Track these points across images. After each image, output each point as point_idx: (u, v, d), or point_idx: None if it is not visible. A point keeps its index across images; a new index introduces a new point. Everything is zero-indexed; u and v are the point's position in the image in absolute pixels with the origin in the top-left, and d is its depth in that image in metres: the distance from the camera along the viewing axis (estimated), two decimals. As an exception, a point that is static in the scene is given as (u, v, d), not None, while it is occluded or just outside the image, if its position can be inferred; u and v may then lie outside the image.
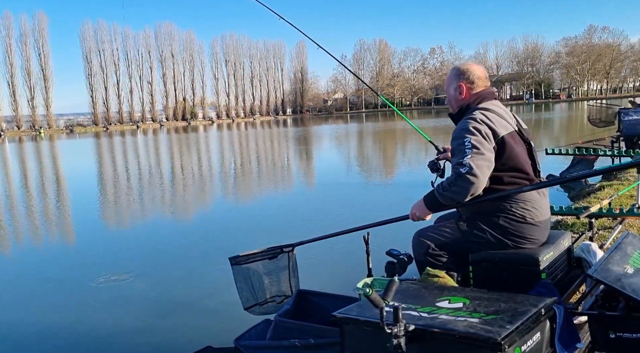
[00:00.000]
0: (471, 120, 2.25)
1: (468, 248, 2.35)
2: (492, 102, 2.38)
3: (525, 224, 2.26)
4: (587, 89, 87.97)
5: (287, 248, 3.06)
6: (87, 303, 4.29)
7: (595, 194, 6.42)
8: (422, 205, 2.38)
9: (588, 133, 14.63)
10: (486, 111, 2.31)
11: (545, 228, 2.33)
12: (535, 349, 1.66)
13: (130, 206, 9.74)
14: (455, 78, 2.48)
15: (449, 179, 2.20)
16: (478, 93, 2.41)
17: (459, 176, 2.13)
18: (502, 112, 2.35)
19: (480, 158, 2.13)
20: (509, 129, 2.29)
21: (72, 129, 65.50)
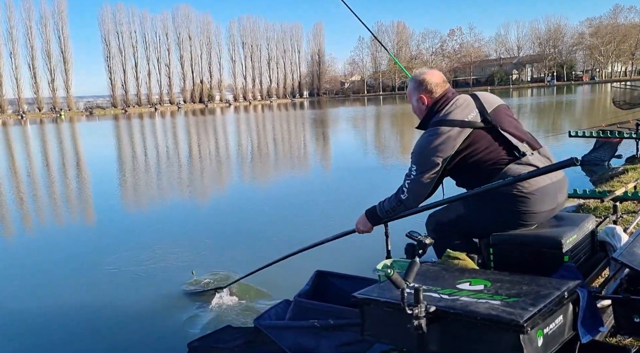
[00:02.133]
0: (423, 142, 2.37)
1: (472, 225, 2.38)
2: (450, 105, 2.41)
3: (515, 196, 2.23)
4: (611, 71, 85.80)
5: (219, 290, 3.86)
6: (106, 283, 4.37)
7: (618, 178, 6.30)
8: (364, 219, 2.64)
9: (611, 115, 14.30)
10: (441, 125, 2.35)
11: (542, 196, 2.26)
12: (557, 332, 1.65)
13: (149, 188, 9.85)
14: (415, 90, 2.58)
15: (392, 204, 2.48)
16: (436, 99, 2.50)
17: (400, 203, 2.45)
18: (458, 115, 2.35)
19: (420, 185, 2.37)
20: (464, 134, 2.31)
21: (92, 111, 66.29)
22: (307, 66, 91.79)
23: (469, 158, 2.32)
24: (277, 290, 3.90)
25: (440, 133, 2.33)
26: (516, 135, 2.36)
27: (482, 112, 2.39)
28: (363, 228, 2.68)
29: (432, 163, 2.34)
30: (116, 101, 70.79)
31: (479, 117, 2.37)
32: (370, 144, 16.60)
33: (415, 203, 2.42)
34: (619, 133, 7.00)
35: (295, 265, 4.39)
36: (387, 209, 2.52)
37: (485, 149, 2.32)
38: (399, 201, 2.45)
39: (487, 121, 2.36)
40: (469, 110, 2.40)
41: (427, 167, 2.35)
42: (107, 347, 3.30)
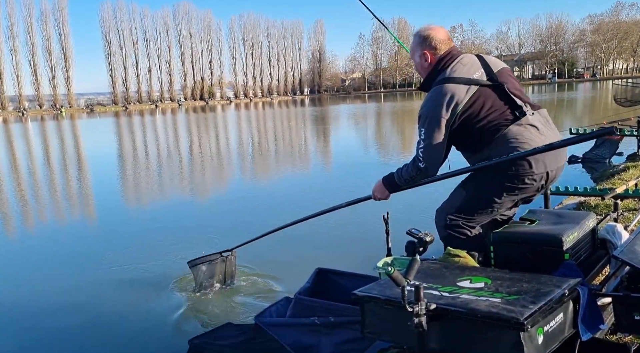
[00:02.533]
0: (431, 106, 2.30)
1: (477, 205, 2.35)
2: (456, 63, 2.35)
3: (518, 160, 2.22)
4: (612, 68, 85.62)
5: (225, 253, 3.88)
6: (107, 279, 4.37)
7: (619, 176, 6.29)
8: (382, 187, 2.57)
9: (613, 112, 14.28)
10: (447, 82, 2.29)
11: (542, 160, 2.24)
12: (557, 330, 1.65)
13: (150, 185, 9.86)
14: (418, 46, 2.49)
15: (410, 173, 2.41)
16: (441, 56, 2.42)
17: (419, 171, 2.37)
18: (464, 73, 2.31)
19: (432, 151, 2.31)
20: (471, 91, 2.27)
21: (93, 108, 66.30)
22: (307, 63, 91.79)
23: (474, 117, 2.28)
24: (278, 287, 3.90)
25: (445, 91, 2.28)
26: (519, 96, 2.34)
27: (488, 71, 2.36)
28: (380, 195, 2.60)
29: (439, 123, 2.28)
30: (117, 98, 70.79)
31: (485, 76, 2.34)
32: (371, 141, 16.59)
33: (433, 169, 2.36)
34: (620, 130, 6.99)
35: (296, 263, 4.40)
36: (405, 178, 2.45)
37: (490, 108, 2.28)
38: (418, 169, 2.38)
39: (493, 80, 2.33)
40: (475, 68, 2.36)
41: (435, 127, 2.28)
42: (107, 343, 3.31)
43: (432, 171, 2.37)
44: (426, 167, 2.34)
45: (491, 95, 2.31)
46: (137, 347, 3.26)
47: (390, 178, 2.52)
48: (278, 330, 2.64)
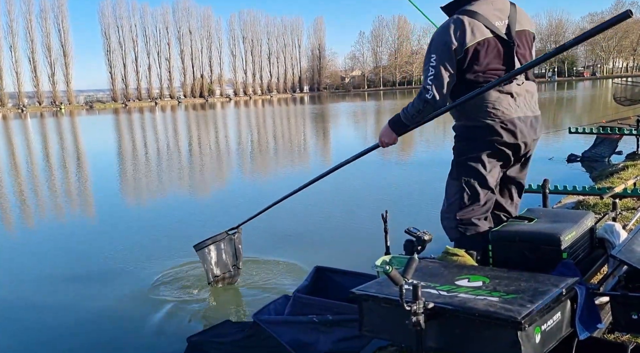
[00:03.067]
0: (444, 31, 2.26)
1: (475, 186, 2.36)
2: (482, 0, 2.30)
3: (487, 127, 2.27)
4: (612, 67, 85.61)
5: (231, 231, 3.78)
6: (107, 277, 4.38)
7: (618, 175, 6.29)
8: (388, 130, 2.48)
9: (612, 111, 14.28)
10: (467, 15, 2.25)
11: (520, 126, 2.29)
12: (555, 329, 1.65)
13: (149, 183, 9.86)
14: None
15: (416, 106, 2.34)
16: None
17: (426, 103, 2.30)
18: (489, 13, 2.27)
19: (441, 80, 2.26)
20: (483, 35, 2.24)
21: (92, 105, 66.24)
22: (307, 60, 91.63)
23: (473, 62, 2.25)
24: (277, 285, 3.90)
25: (461, 22, 2.24)
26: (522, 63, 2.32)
27: (511, 25, 2.32)
28: (387, 139, 2.51)
29: (450, 49, 2.23)
30: (116, 95, 70.71)
31: (504, 29, 2.30)
32: (370, 139, 16.58)
33: (441, 100, 2.28)
34: (619, 129, 6.99)
35: (295, 261, 4.41)
36: (412, 113, 2.37)
37: (490, 62, 2.27)
38: (424, 101, 2.30)
39: (509, 36, 2.30)
40: (500, 15, 2.32)
41: (446, 55, 2.24)
42: (106, 341, 3.31)
43: (440, 101, 2.29)
44: (433, 96, 2.27)
45: (499, 50, 2.28)
46: (135, 345, 3.26)
47: (396, 118, 2.45)
48: (276, 327, 2.64)
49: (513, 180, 2.54)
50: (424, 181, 7.16)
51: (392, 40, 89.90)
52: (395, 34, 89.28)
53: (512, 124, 2.29)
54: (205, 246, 3.74)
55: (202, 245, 3.75)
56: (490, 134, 2.29)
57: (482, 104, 2.29)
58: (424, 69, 2.32)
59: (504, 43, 2.29)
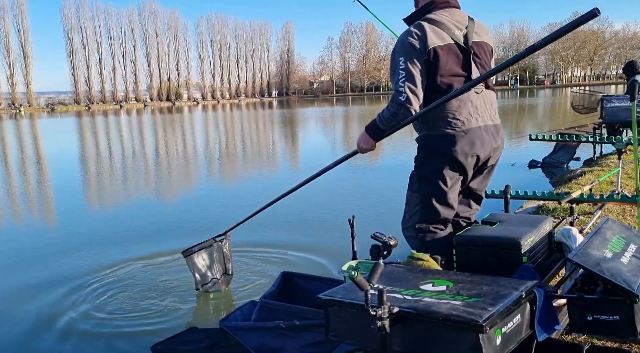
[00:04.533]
0: (407, 35, 2.33)
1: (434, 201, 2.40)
2: (442, 11, 2.39)
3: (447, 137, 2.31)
4: (571, 76, 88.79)
5: (218, 238, 3.73)
6: (69, 284, 4.25)
7: (576, 180, 6.53)
8: (366, 136, 2.48)
9: (571, 119, 14.80)
10: (427, 22, 2.34)
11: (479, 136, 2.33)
12: (515, 331, 1.70)
13: (113, 187, 9.64)
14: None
15: (391, 110, 2.32)
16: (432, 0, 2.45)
17: (400, 106, 2.29)
18: (447, 21, 2.35)
19: (413, 80, 2.27)
20: (444, 41, 2.31)
21: (54, 107, 64.39)
22: (276, 65, 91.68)
23: (435, 67, 2.29)
24: (244, 291, 3.88)
25: (423, 27, 2.31)
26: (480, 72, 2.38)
27: (468, 36, 2.39)
28: (365, 145, 2.49)
29: (416, 50, 2.28)
30: (79, 97, 69.00)
31: (462, 39, 2.37)
32: (340, 144, 16.67)
33: (415, 100, 2.28)
34: (577, 136, 7.25)
35: (262, 266, 4.39)
36: (387, 117, 2.36)
37: (451, 68, 2.31)
38: (398, 104, 2.29)
39: (467, 45, 2.36)
40: (459, 25, 2.40)
41: (412, 55, 2.28)
42: (68, 348, 3.21)
43: (414, 103, 2.28)
44: (407, 98, 2.26)
45: (458, 56, 2.34)
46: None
47: (372, 124, 2.44)
48: (243, 333, 2.63)
49: (473, 191, 2.59)
50: (391, 186, 7.25)
51: (360, 46, 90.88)
52: (364, 40, 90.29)
53: (473, 133, 2.34)
54: (193, 253, 3.68)
55: (190, 251, 3.68)
56: (450, 143, 2.33)
57: (443, 113, 2.32)
58: (393, 74, 2.34)
59: (463, 51, 2.35)
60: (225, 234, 3.74)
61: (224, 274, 3.78)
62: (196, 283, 3.74)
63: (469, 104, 2.34)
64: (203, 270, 3.72)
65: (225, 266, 3.77)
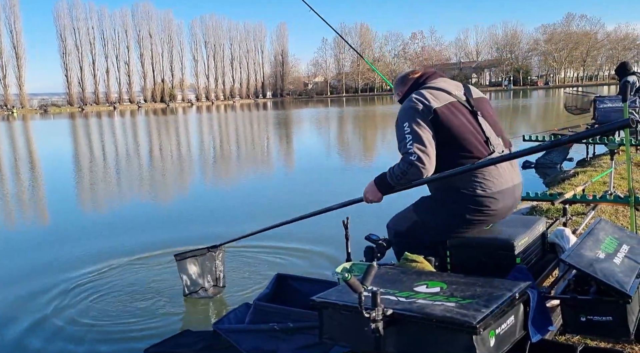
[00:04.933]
0: (408, 102, 2.36)
1: (427, 232, 2.39)
2: (435, 80, 2.45)
3: (478, 197, 2.25)
4: (564, 77, 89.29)
5: (212, 248, 3.66)
6: (59, 286, 4.22)
7: (569, 181, 6.56)
8: (374, 188, 2.43)
9: (564, 120, 14.86)
10: (424, 89, 2.39)
11: (504, 199, 2.30)
12: (509, 332, 1.70)
13: (105, 189, 9.59)
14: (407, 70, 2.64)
15: (401, 168, 2.26)
16: (422, 73, 2.53)
17: (410, 165, 2.22)
18: (443, 86, 2.40)
19: (421, 141, 2.23)
20: (446, 100, 2.33)
21: (46, 109, 63.96)
22: (270, 66, 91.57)
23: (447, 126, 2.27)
24: (237, 293, 3.86)
25: (423, 93, 2.34)
26: (493, 125, 2.39)
27: (467, 95, 2.42)
28: (372, 197, 2.44)
29: (420, 112, 2.27)
30: (72, 98, 68.63)
31: (463, 98, 2.40)
32: (334, 145, 16.69)
33: (427, 161, 2.21)
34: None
35: (256, 268, 4.38)
36: (397, 174, 2.28)
37: (463, 127, 2.29)
38: (409, 163, 2.22)
39: (469, 104, 2.38)
40: (456, 87, 2.44)
41: (417, 116, 2.27)
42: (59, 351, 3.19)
43: (426, 163, 2.21)
44: (418, 158, 2.20)
45: (466, 113, 2.34)
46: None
47: (382, 177, 2.38)
48: (237, 336, 2.62)
49: None
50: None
51: (354, 47, 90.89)
52: (358, 41, 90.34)
53: (500, 194, 2.29)
54: (185, 258, 3.63)
55: (183, 255, 3.64)
56: (476, 204, 2.27)
57: (474, 173, 2.26)
58: (400, 141, 2.29)
59: (466, 107, 2.36)
60: (220, 246, 3.68)
61: (214, 285, 3.72)
62: (184, 289, 3.72)
63: (485, 173, 2.29)
64: (192, 277, 3.68)
65: (216, 277, 3.71)
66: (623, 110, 4.23)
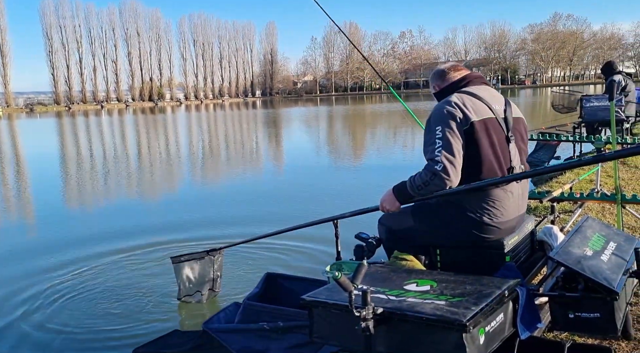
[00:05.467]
0: (446, 104, 2.22)
1: (422, 238, 2.36)
2: (478, 87, 2.34)
3: (482, 224, 2.19)
4: (551, 76, 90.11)
5: (212, 252, 3.57)
6: (45, 284, 4.18)
7: (557, 179, 6.62)
8: (392, 197, 2.30)
9: (551, 118, 15.00)
10: (466, 94, 2.26)
11: (504, 229, 2.24)
12: (498, 329, 1.71)
13: (95, 190, 9.50)
14: (449, 64, 2.49)
15: (423, 178, 2.14)
16: (466, 75, 2.39)
17: (434, 175, 2.11)
18: (485, 96, 2.29)
19: (451, 150, 2.11)
20: (485, 114, 2.21)
21: (33, 108, 63.22)
22: (259, 65, 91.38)
23: (478, 141, 2.16)
24: (227, 292, 3.84)
25: (464, 99, 2.21)
26: (521, 155, 2.31)
27: (507, 113, 2.30)
28: (389, 206, 2.31)
29: (457, 121, 2.14)
30: (59, 97, 67.93)
31: (502, 114, 2.28)
32: (323, 144, 16.69)
33: (453, 172, 2.09)
34: (557, 135, 7.36)
35: (246, 267, 4.36)
36: (418, 184, 2.16)
37: (492, 147, 2.19)
38: (432, 173, 2.10)
39: (506, 124, 2.27)
40: (498, 100, 2.31)
41: (453, 124, 2.13)
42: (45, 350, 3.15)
43: (452, 175, 2.09)
44: (444, 168, 2.08)
45: (498, 132, 2.22)
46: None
47: (402, 186, 2.25)
48: (226, 336, 2.60)
49: None
50: (376, 186, 7.27)
51: (343, 46, 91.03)
52: (347, 40, 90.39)
53: (504, 224, 2.23)
54: (182, 261, 3.52)
55: (180, 258, 3.52)
56: (479, 230, 2.21)
57: (483, 196, 2.18)
58: (429, 144, 2.16)
59: (502, 126, 2.25)
60: (219, 250, 3.57)
61: (210, 289, 3.60)
62: (179, 292, 3.58)
63: (510, 195, 2.21)
64: (189, 281, 3.55)
65: (213, 282, 3.60)
66: (609, 109, 4.27)
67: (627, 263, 1.96)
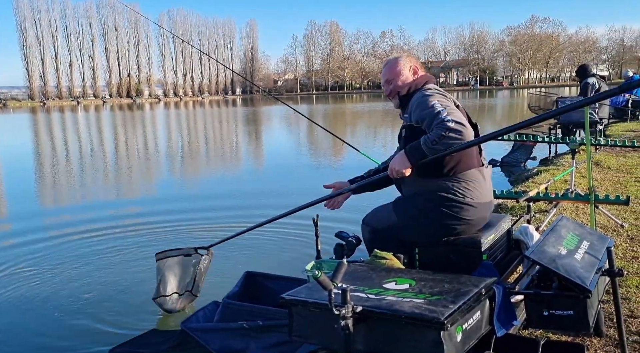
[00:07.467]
0: (429, 90, 2.41)
1: (405, 233, 2.41)
2: (439, 87, 2.52)
3: (464, 204, 2.31)
4: (527, 78, 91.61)
5: (201, 250, 3.37)
6: (24, 283, 4.09)
7: (533, 179, 6.74)
8: (403, 157, 2.27)
9: (528, 119, 15.24)
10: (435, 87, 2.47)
11: (483, 211, 2.38)
12: (475, 327, 1.74)
13: (70, 187, 9.32)
14: (407, 61, 2.60)
15: (438, 133, 2.15)
16: (425, 75, 2.59)
17: (448, 129, 2.13)
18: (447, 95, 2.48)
19: (458, 115, 2.23)
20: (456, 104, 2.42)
21: (6, 103, 61.67)
22: (240, 62, 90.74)
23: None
24: (206, 291, 3.81)
25: (439, 88, 2.42)
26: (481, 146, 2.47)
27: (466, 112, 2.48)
28: (398, 166, 2.27)
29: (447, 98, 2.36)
30: (34, 92, 66.39)
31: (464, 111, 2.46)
32: (303, 142, 16.68)
33: (465, 128, 2.15)
34: (534, 136, 7.48)
35: (225, 266, 4.33)
36: (432, 139, 2.16)
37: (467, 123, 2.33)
38: (446, 128, 2.13)
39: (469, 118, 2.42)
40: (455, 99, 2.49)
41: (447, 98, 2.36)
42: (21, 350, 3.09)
43: (464, 129, 2.15)
44: (457, 122, 2.14)
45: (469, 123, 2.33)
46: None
47: (415, 145, 2.23)
48: (205, 335, 2.59)
49: None
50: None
51: (324, 45, 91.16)
52: (328, 39, 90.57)
53: (482, 205, 2.36)
54: (167, 257, 3.31)
55: (165, 255, 3.31)
56: (460, 210, 2.31)
57: (464, 179, 2.34)
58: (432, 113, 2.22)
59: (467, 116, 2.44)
60: (209, 248, 3.39)
61: (188, 291, 3.39)
62: (156, 291, 3.36)
63: (482, 178, 2.40)
64: (170, 280, 3.33)
65: (194, 283, 3.39)
66: (584, 111, 4.36)
67: (600, 262, 2.00)
